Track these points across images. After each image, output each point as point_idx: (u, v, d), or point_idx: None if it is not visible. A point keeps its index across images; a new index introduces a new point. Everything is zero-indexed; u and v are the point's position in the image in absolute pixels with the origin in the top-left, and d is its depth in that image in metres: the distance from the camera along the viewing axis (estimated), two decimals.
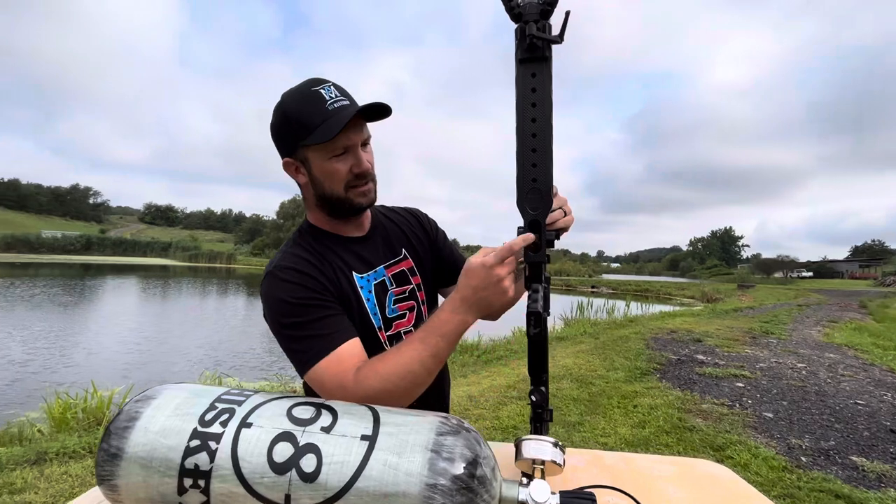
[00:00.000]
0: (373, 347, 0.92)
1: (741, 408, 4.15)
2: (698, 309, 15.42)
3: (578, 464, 0.93)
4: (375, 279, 0.99)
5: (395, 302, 1.00)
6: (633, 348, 6.86)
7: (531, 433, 0.78)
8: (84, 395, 4.13)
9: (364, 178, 0.90)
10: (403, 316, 1.01)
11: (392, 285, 1.02)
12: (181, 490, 0.57)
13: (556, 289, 40.48)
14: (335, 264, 0.95)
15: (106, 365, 7.17)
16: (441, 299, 1.20)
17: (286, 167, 0.93)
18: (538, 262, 0.73)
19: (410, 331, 1.01)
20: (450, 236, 1.24)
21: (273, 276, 0.86)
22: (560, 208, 0.79)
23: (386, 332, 0.97)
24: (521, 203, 0.73)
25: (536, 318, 0.71)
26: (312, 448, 0.56)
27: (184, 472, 0.57)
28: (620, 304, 14.47)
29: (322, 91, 0.84)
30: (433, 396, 1.09)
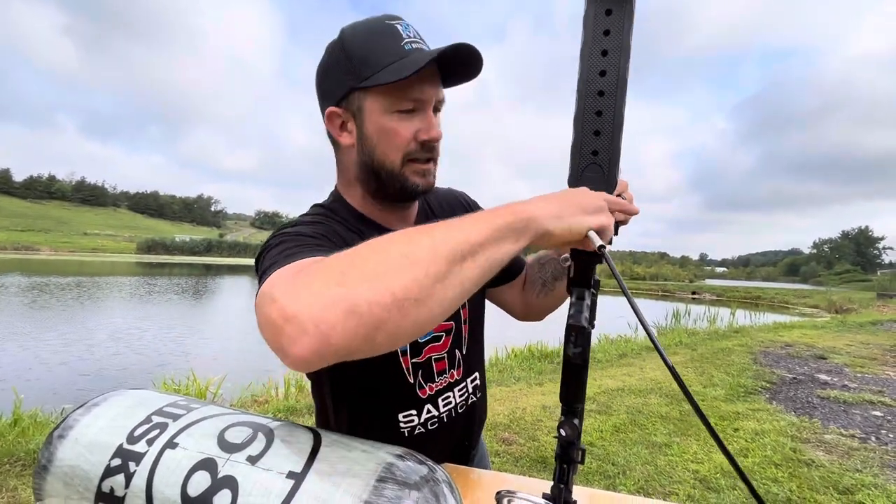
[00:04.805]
0: (390, 374, 0.77)
1: (878, 442, 3.43)
2: (823, 320, 13.38)
3: None
4: None
5: None
6: (736, 363, 6.09)
7: (554, 477, 0.61)
8: (186, 382, 4.58)
9: (431, 150, 0.72)
10: (438, 339, 0.81)
11: None
12: None
13: (652, 294, 37.69)
14: None
15: (219, 357, 7.94)
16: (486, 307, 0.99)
17: (329, 120, 0.72)
18: (591, 261, 0.54)
19: (443, 357, 0.82)
20: None
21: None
22: (620, 195, 0.62)
23: (412, 358, 0.79)
24: (575, 182, 0.55)
25: (578, 334, 0.52)
26: (230, 482, 0.45)
27: (100, 495, 0.49)
28: (725, 312, 13.03)
29: (398, 27, 0.67)
30: (453, 432, 0.87)
